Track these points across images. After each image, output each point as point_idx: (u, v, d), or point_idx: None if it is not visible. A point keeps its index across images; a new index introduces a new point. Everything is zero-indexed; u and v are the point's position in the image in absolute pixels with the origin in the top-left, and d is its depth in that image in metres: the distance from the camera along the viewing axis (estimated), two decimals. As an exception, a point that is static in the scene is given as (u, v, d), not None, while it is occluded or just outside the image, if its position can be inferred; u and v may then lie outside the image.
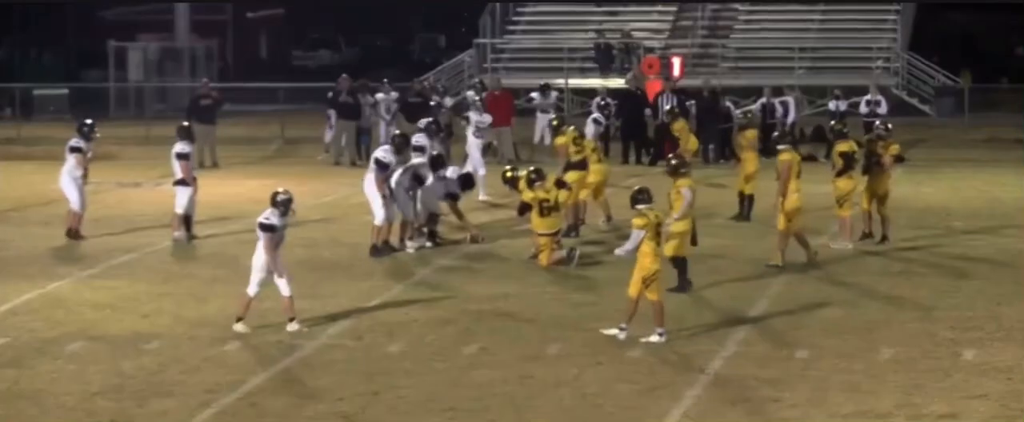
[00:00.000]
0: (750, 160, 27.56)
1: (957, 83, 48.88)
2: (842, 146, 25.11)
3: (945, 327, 19.33)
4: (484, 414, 15.85)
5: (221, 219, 27.27)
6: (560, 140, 26.33)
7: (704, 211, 27.65)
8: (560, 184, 24.37)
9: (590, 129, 34.27)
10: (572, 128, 27.14)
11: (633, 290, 18.59)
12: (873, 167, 25.23)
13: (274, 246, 19.17)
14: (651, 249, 18.57)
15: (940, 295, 21.26)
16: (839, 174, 24.86)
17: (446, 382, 17.02)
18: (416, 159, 25.12)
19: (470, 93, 38.64)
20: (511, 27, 52.01)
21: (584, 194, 25.93)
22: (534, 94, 39.57)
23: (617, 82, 43.59)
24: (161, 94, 51.84)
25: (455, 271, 23.21)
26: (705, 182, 32.69)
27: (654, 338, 18.47)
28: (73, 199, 25.98)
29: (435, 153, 25.59)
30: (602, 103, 37.63)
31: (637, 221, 18.87)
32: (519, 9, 52.63)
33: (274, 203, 19.43)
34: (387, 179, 24.22)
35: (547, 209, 23.37)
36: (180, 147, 25.67)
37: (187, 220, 25.61)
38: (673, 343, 18.57)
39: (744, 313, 20.16)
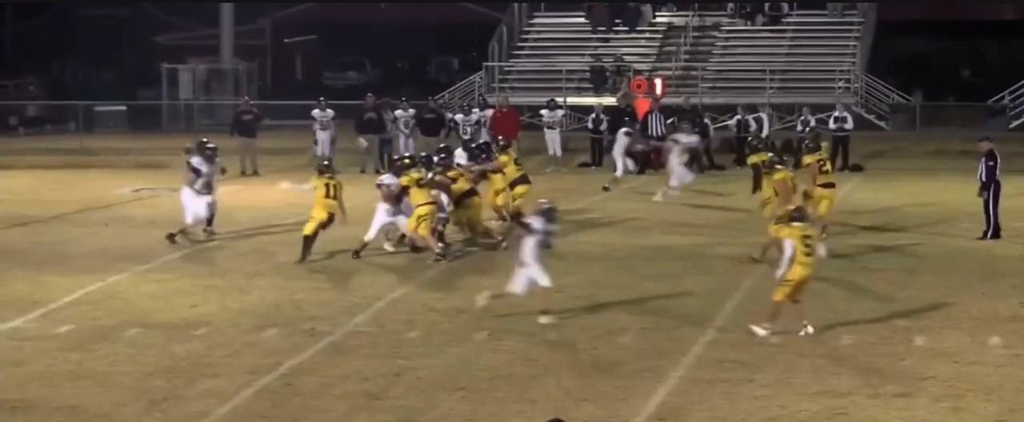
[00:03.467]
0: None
1: (909, 101, 48.79)
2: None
3: (899, 316, 19.27)
4: (492, 393, 15.81)
5: (260, 220, 27.23)
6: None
7: (687, 214, 27.64)
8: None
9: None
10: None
11: (779, 295, 18.12)
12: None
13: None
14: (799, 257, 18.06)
15: (895, 288, 21.21)
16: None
17: (459, 364, 16.99)
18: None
19: (476, 109, 38.69)
20: (516, 51, 51.94)
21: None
22: (544, 111, 39.36)
23: (609, 100, 43.47)
24: (208, 110, 51.84)
25: (464, 267, 23.15)
26: (685, 188, 32.67)
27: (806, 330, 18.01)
28: (191, 211, 25.12)
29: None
30: (597, 119, 37.57)
31: (783, 231, 18.46)
32: (523, 35, 52.60)
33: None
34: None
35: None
36: (196, 161, 25.11)
37: (209, 219, 25.36)
38: (658, 330, 18.55)
39: (721, 304, 20.11)
